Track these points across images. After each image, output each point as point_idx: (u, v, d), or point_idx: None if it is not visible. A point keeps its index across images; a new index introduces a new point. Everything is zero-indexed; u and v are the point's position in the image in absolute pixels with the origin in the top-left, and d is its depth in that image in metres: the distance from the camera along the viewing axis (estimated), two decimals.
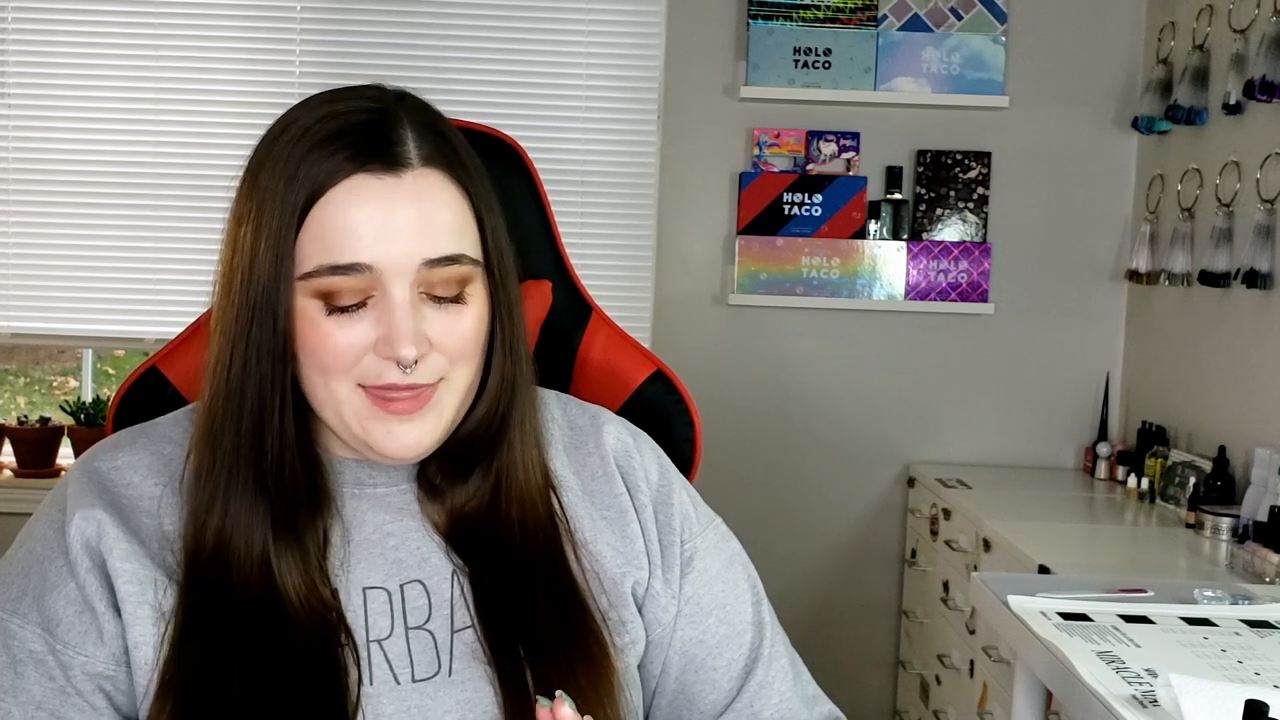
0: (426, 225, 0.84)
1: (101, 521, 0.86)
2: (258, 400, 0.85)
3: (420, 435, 0.87)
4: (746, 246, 3.05)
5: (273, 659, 0.82)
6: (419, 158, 0.85)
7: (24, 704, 0.84)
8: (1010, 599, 1.44)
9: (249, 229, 0.85)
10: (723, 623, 0.98)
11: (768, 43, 3.01)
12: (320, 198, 0.83)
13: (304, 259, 0.83)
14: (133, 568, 0.85)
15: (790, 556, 3.14)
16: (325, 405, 0.86)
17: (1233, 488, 2.44)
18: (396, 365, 0.84)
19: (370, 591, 0.89)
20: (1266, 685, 1.19)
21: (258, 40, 3.03)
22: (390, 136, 0.85)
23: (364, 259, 0.82)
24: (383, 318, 0.84)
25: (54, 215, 3.04)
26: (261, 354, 0.84)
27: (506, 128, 1.20)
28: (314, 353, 0.84)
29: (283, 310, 0.83)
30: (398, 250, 0.83)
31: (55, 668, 0.84)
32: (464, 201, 0.88)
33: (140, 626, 0.84)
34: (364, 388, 0.85)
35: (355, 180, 0.83)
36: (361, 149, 0.84)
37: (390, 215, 0.83)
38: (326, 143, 0.84)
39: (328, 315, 0.84)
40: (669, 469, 1.02)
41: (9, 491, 3.01)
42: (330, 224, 0.83)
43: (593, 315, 1.18)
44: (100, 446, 0.92)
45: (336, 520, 0.90)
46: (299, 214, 0.83)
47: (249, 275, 0.84)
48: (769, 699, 0.98)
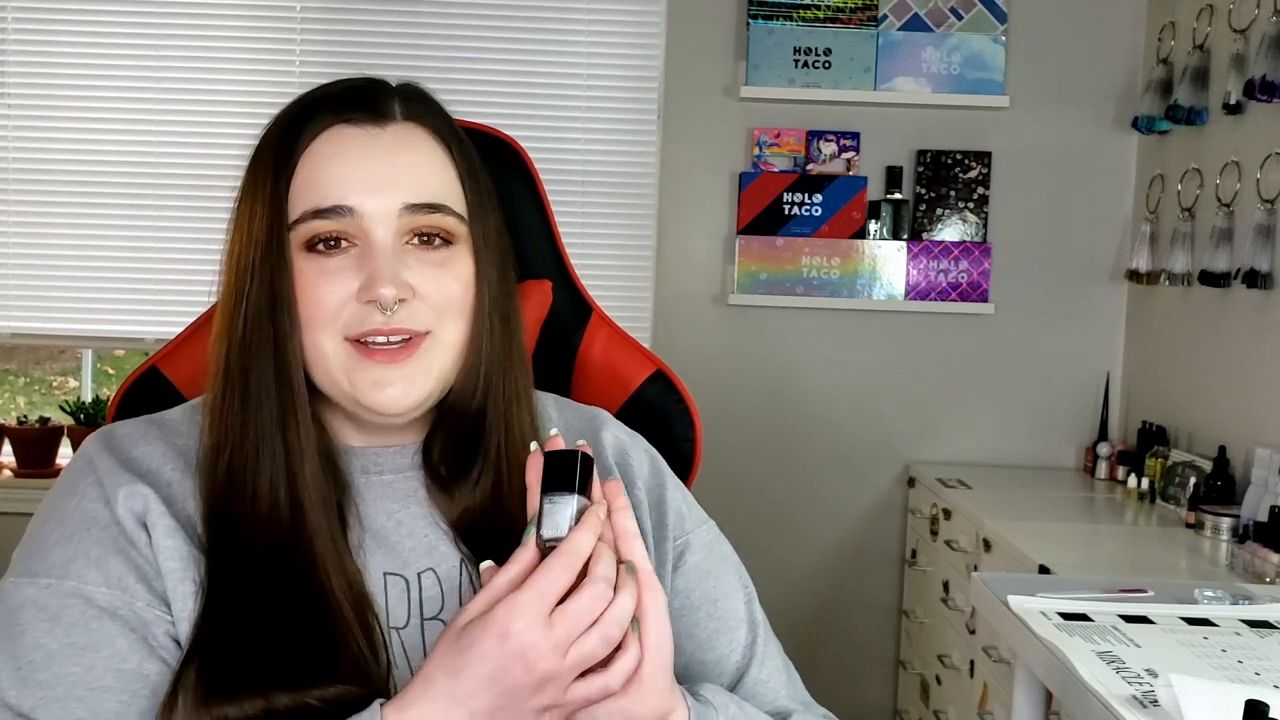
0: (408, 172, 0.86)
1: (147, 497, 0.85)
2: (267, 359, 0.85)
3: (407, 388, 0.86)
4: (746, 246, 3.05)
5: (307, 629, 0.81)
6: (402, 113, 0.89)
7: (108, 658, 0.81)
8: (1010, 599, 1.44)
9: (246, 197, 0.88)
10: (712, 618, 0.98)
11: (768, 43, 3.01)
12: (307, 149, 0.86)
13: (292, 209, 0.85)
14: (175, 544, 0.84)
15: (790, 556, 3.14)
16: (314, 364, 0.86)
17: (1233, 488, 2.44)
18: (378, 309, 0.84)
19: (390, 577, 0.89)
20: (1266, 685, 1.19)
21: (258, 40, 3.03)
22: (376, 95, 0.89)
23: (346, 201, 0.84)
24: (364, 263, 0.85)
25: (55, 215, 3.04)
26: (262, 311, 0.85)
27: (507, 128, 1.20)
28: (302, 304, 0.85)
29: (280, 263, 0.85)
30: (379, 194, 0.85)
31: (135, 620, 0.82)
32: (446, 157, 0.90)
33: (181, 602, 0.83)
34: (350, 342, 0.85)
35: (338, 130, 0.87)
36: (346, 105, 0.88)
37: (371, 161, 0.86)
38: (313, 105, 0.88)
39: (312, 263, 0.85)
40: (663, 469, 1.02)
41: (9, 491, 3.00)
42: (314, 173, 0.85)
43: (593, 315, 1.18)
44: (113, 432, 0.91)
45: (352, 502, 0.90)
46: (289, 167, 0.86)
47: (247, 237, 0.86)
48: (762, 697, 0.98)
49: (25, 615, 0.82)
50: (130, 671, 0.81)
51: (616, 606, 0.75)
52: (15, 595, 0.83)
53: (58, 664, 0.80)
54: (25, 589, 0.83)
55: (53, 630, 0.81)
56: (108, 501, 0.85)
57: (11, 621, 0.82)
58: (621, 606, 0.75)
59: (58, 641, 0.81)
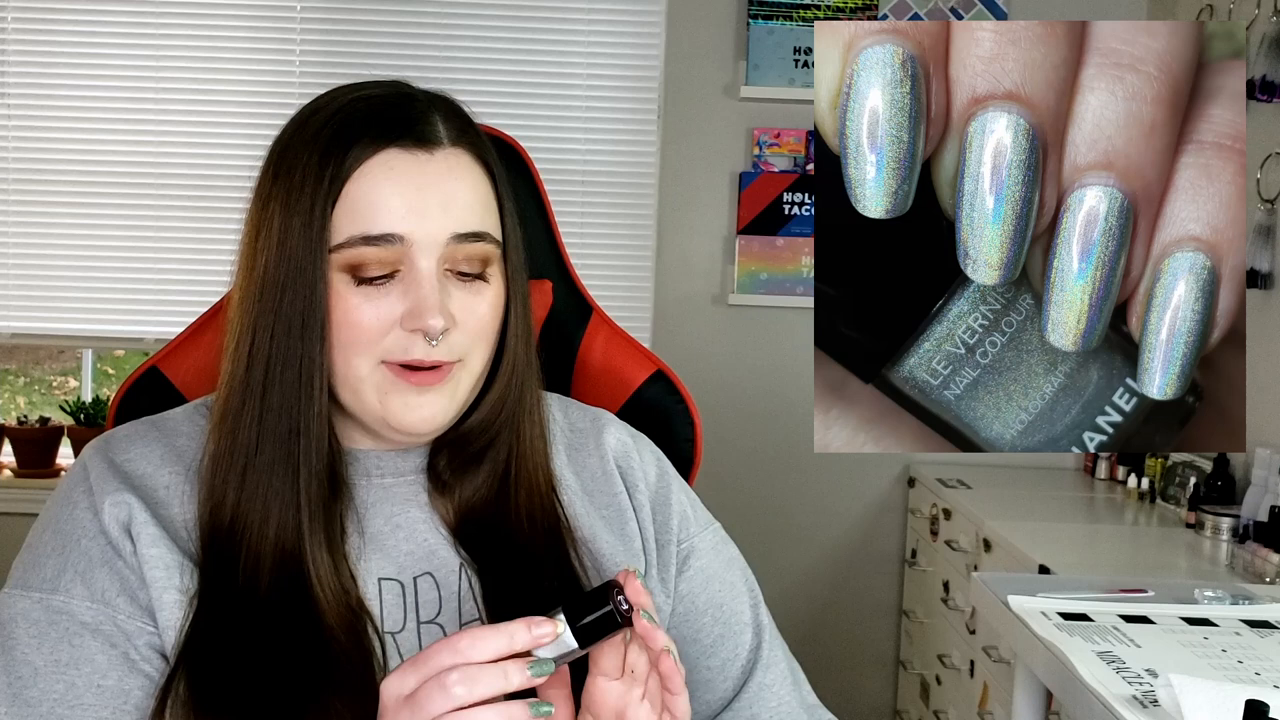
0: (456, 201, 0.85)
1: (131, 505, 0.85)
2: (291, 376, 0.84)
3: (436, 410, 0.86)
4: (746, 246, 3.05)
5: (300, 643, 0.82)
6: (449, 138, 0.87)
7: (88, 675, 0.81)
8: (1010, 599, 1.44)
9: (277, 207, 0.85)
10: (718, 622, 0.98)
11: (768, 43, 3.01)
12: (354, 172, 0.84)
13: (336, 232, 0.84)
14: (159, 553, 0.84)
15: (790, 556, 3.14)
16: (344, 383, 0.86)
17: (1233, 488, 2.44)
18: (423, 338, 0.84)
19: (385, 583, 0.89)
20: (1266, 685, 1.19)
21: (258, 41, 3.03)
22: (421, 117, 0.87)
23: (396, 229, 0.83)
24: (410, 290, 0.84)
25: (55, 215, 3.04)
26: (292, 328, 0.84)
27: (507, 128, 1.20)
28: (339, 327, 0.84)
29: (318, 283, 0.83)
30: (429, 223, 0.84)
31: (117, 635, 0.82)
32: (488, 184, 0.89)
33: (167, 611, 0.83)
34: (386, 364, 0.85)
35: (388, 154, 0.85)
36: (394, 127, 0.86)
37: (422, 189, 0.84)
38: (360, 122, 0.85)
39: (356, 288, 0.84)
40: (668, 470, 1.02)
41: (9, 491, 3.00)
42: (364, 197, 0.84)
43: (593, 315, 1.18)
44: (112, 437, 0.91)
45: (351, 508, 0.90)
46: (334, 188, 0.84)
47: (279, 251, 0.84)
48: (767, 702, 0.98)
49: (18, 629, 0.82)
50: (111, 688, 0.81)
51: None
52: (10, 608, 0.84)
53: (43, 681, 0.81)
54: (19, 602, 0.84)
55: (40, 646, 0.82)
56: (95, 511, 0.85)
57: (5, 635, 0.83)
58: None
59: (43, 658, 0.81)
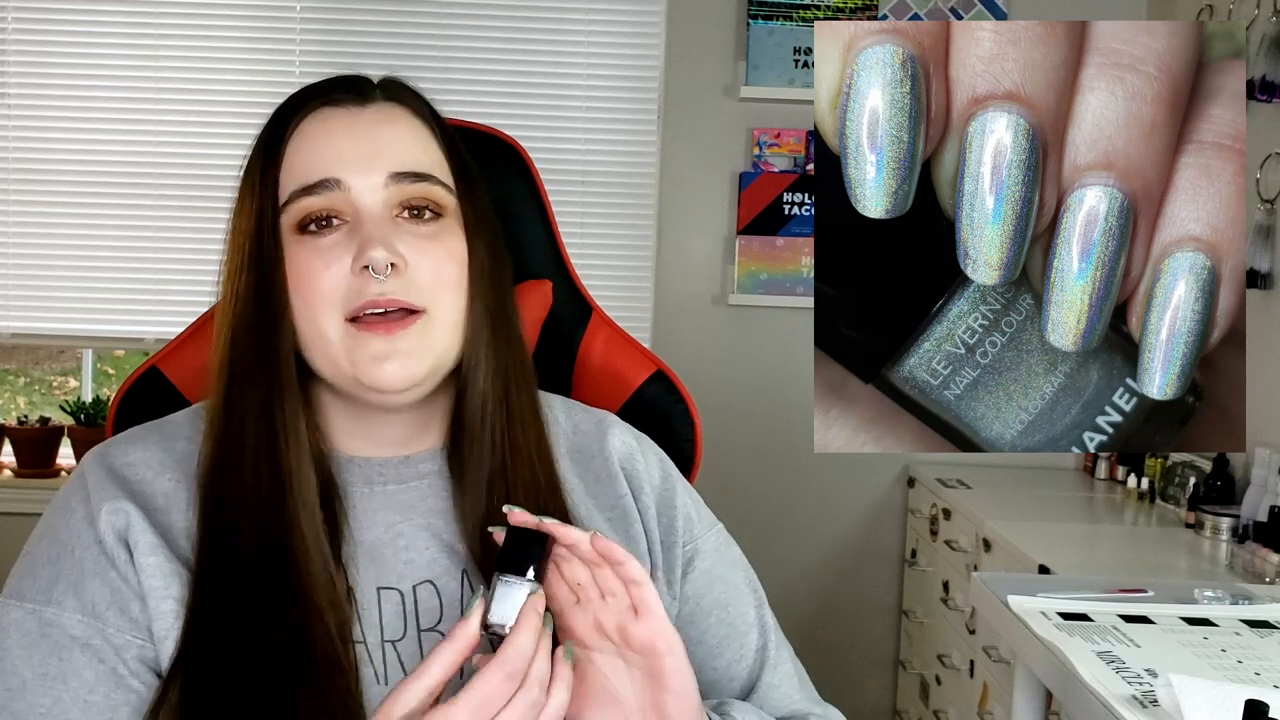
0: (393, 143, 0.87)
1: (129, 513, 0.85)
2: (261, 352, 0.85)
3: (405, 363, 0.85)
4: (746, 246, 3.05)
5: (286, 651, 0.81)
6: (384, 96, 0.90)
7: (75, 689, 0.81)
8: (1010, 599, 1.44)
9: (239, 198, 0.89)
10: (723, 623, 0.98)
11: (768, 43, 3.01)
12: (292, 135, 0.87)
13: (281, 195, 0.86)
14: (157, 561, 0.83)
15: (790, 556, 3.14)
16: (316, 349, 0.86)
17: (1233, 488, 2.44)
18: (371, 277, 0.83)
19: (384, 592, 0.88)
20: (1266, 685, 1.19)
21: (257, 40, 3.03)
22: (356, 79, 0.91)
23: (332, 174, 0.85)
24: (355, 233, 0.85)
25: (54, 215, 3.04)
26: (253, 301, 0.85)
27: (507, 128, 1.20)
28: (298, 289, 0.85)
29: (274, 251, 0.85)
30: (365, 165, 0.86)
31: (106, 649, 0.82)
32: (430, 135, 0.90)
33: (164, 621, 0.82)
34: (349, 322, 0.85)
35: (322, 112, 0.88)
36: (329, 90, 0.89)
37: (355, 134, 0.87)
38: (297, 97, 0.90)
39: (305, 242, 0.85)
40: (672, 473, 1.01)
41: (9, 491, 3.00)
42: (300, 154, 0.86)
43: (593, 315, 1.18)
44: (112, 443, 0.91)
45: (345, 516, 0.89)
46: (276, 154, 0.87)
47: (239, 234, 0.87)
48: (776, 702, 0.98)
49: (10, 640, 0.82)
50: (97, 704, 0.81)
51: (550, 709, 0.75)
52: (4, 617, 0.84)
53: (30, 693, 0.81)
54: (13, 612, 0.84)
55: (30, 658, 0.82)
56: (91, 520, 0.85)
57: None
58: (555, 705, 0.75)
59: (32, 670, 0.81)
